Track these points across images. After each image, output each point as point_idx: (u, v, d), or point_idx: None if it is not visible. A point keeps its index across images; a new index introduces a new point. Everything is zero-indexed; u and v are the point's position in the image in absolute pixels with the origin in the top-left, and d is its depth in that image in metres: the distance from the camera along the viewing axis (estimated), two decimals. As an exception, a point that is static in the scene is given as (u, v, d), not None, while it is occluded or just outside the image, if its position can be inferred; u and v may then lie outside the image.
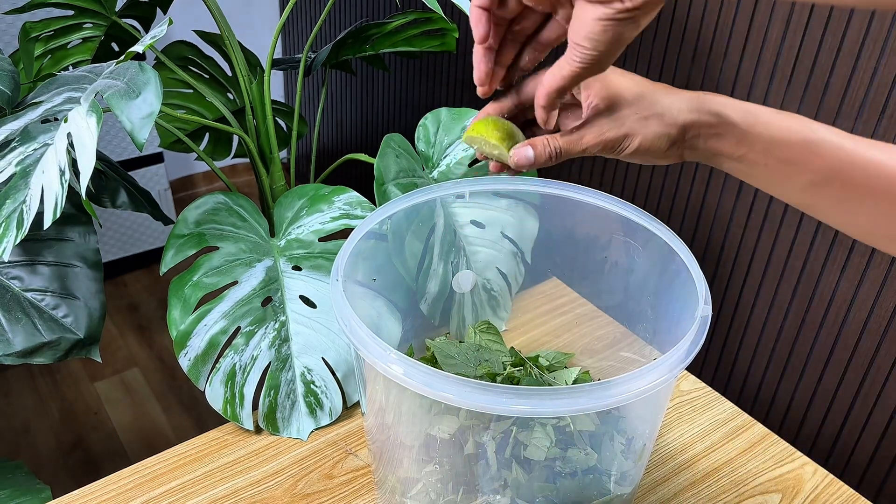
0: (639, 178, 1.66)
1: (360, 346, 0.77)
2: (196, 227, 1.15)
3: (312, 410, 1.11)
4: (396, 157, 1.22)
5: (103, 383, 2.43)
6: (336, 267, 0.86)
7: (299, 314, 1.14)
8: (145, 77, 0.99)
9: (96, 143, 0.92)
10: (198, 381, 1.09)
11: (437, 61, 2.17)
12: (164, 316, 2.57)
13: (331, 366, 1.13)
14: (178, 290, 1.11)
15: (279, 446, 1.09)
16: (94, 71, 1.10)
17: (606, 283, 1.05)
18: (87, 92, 0.99)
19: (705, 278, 0.84)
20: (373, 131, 2.62)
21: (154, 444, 2.21)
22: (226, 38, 1.45)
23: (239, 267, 1.14)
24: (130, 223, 2.75)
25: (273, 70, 2.12)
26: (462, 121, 1.31)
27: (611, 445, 0.89)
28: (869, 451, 1.40)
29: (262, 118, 1.46)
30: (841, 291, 1.36)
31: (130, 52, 1.04)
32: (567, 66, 0.68)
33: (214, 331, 1.10)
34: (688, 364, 0.76)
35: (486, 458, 0.85)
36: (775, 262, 1.45)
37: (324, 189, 1.23)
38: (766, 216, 1.43)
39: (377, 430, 0.92)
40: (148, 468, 1.05)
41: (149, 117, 0.95)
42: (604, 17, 0.63)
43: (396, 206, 0.97)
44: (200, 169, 3.20)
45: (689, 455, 1.10)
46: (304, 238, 1.19)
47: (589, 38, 0.65)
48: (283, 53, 3.07)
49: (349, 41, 1.67)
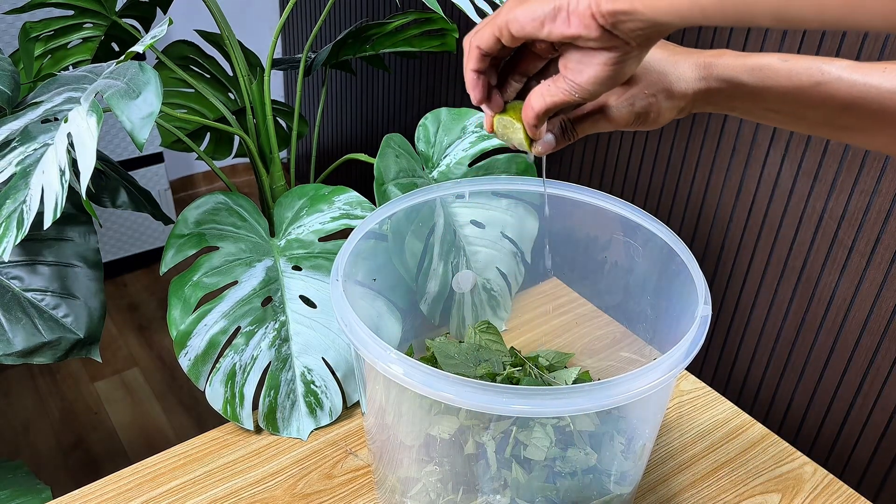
0: (638, 177, 1.66)
1: (360, 345, 0.77)
2: (196, 226, 1.15)
3: (312, 410, 1.11)
4: (396, 157, 1.22)
5: (103, 383, 2.43)
6: (336, 267, 0.86)
7: (299, 314, 1.14)
8: (145, 77, 0.99)
9: (96, 143, 0.92)
10: (198, 380, 1.09)
11: (437, 61, 2.17)
12: (164, 316, 2.57)
13: (331, 366, 1.13)
14: (178, 290, 1.11)
15: (279, 446, 1.09)
16: (94, 71, 1.10)
17: (606, 283, 1.05)
18: (87, 92, 0.99)
19: (705, 278, 0.84)
20: (373, 131, 2.62)
21: (154, 444, 2.21)
22: (226, 38, 1.45)
23: (239, 267, 1.14)
24: (130, 223, 2.75)
25: (273, 70, 2.12)
26: (462, 121, 1.31)
27: (611, 445, 0.89)
28: (869, 451, 1.40)
29: (263, 118, 1.46)
30: (841, 291, 1.36)
31: (131, 51, 1.04)
32: (560, 95, 0.67)
33: (214, 331, 1.10)
34: (688, 364, 0.76)
35: (485, 457, 0.85)
36: (775, 261, 1.45)
37: (324, 189, 1.23)
38: (766, 216, 1.43)
39: (377, 429, 0.92)
40: (148, 468, 1.05)
41: (149, 117, 0.95)
42: (610, 61, 0.63)
43: (396, 206, 0.98)
44: (201, 169, 3.20)
45: (689, 455, 1.10)
46: (305, 238, 1.19)
47: (593, 82, 0.64)
48: (284, 53, 3.07)
49: (349, 41, 1.66)
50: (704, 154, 1.51)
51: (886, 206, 1.25)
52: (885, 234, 1.26)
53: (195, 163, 3.17)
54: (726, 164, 1.48)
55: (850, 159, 1.27)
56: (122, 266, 2.83)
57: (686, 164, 1.55)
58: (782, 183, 1.39)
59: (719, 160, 1.49)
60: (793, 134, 1.34)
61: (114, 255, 2.79)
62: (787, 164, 1.37)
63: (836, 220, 1.33)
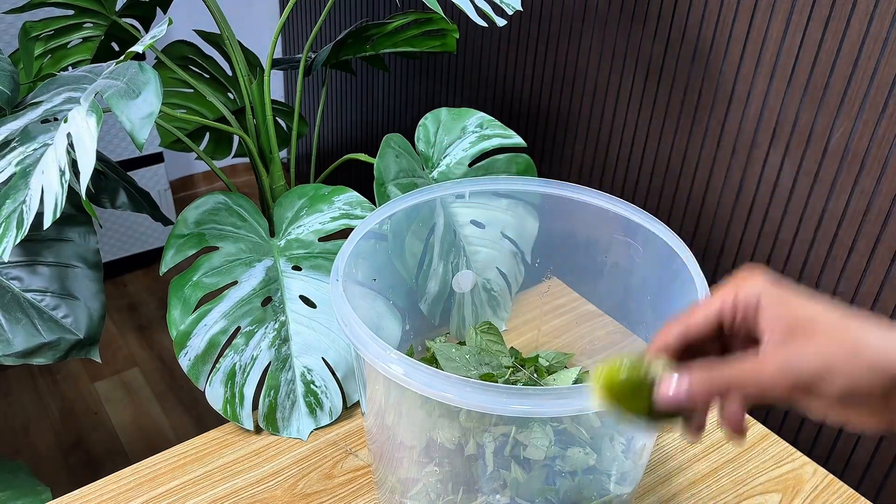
0: (639, 178, 1.66)
1: (360, 346, 0.77)
2: (196, 227, 1.15)
3: (312, 410, 1.11)
4: (396, 157, 1.22)
5: (103, 383, 2.43)
6: (336, 267, 0.86)
7: (299, 314, 1.14)
8: (145, 77, 0.99)
9: (96, 144, 0.92)
10: (198, 380, 1.09)
11: (437, 61, 2.17)
12: (164, 316, 2.57)
13: (331, 366, 1.13)
14: (178, 290, 1.11)
15: (279, 446, 1.09)
16: (93, 71, 1.10)
17: (607, 283, 1.05)
18: (86, 92, 0.99)
19: (705, 278, 0.84)
20: (373, 131, 2.62)
21: (154, 444, 2.20)
22: (226, 38, 1.45)
23: (239, 267, 1.14)
24: (130, 223, 2.75)
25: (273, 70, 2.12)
26: (462, 121, 1.31)
27: (611, 445, 0.89)
28: (869, 450, 1.40)
29: (262, 118, 1.46)
30: (840, 291, 1.36)
31: (130, 51, 1.04)
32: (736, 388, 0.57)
33: (214, 331, 1.10)
34: (688, 364, 0.76)
35: (484, 457, 0.85)
36: (775, 261, 1.45)
37: (324, 189, 1.23)
38: (766, 216, 1.43)
39: (377, 430, 0.92)
40: (148, 468, 1.05)
41: (149, 117, 0.95)
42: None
43: (396, 206, 0.98)
44: (200, 169, 3.20)
45: (689, 455, 1.10)
46: (304, 238, 1.19)
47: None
48: (284, 53, 3.07)
49: (349, 41, 1.66)
50: (704, 154, 1.51)
51: (886, 207, 1.25)
52: (885, 234, 1.26)
53: (195, 163, 3.17)
54: (726, 164, 1.48)
55: (851, 160, 1.27)
56: (122, 266, 2.83)
57: (686, 164, 1.55)
58: (782, 183, 1.39)
59: (719, 160, 1.49)
60: (793, 134, 1.35)
61: (114, 256, 2.78)
62: (787, 164, 1.37)
63: (837, 220, 1.33)
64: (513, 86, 1.92)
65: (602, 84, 1.68)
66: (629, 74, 1.61)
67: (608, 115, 1.69)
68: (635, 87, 1.61)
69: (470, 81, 2.07)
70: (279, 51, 3.07)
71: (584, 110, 1.74)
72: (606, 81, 1.66)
